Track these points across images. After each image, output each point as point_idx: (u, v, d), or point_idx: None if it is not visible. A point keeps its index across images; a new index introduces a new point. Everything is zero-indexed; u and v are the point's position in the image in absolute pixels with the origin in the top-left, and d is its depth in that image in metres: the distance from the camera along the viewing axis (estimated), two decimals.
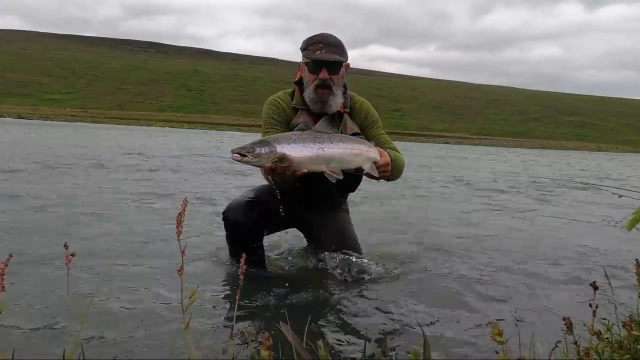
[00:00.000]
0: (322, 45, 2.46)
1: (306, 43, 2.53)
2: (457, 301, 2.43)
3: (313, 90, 2.47)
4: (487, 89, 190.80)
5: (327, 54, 2.45)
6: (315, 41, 2.49)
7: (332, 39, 2.51)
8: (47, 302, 2.12)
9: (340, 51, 2.49)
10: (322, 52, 2.45)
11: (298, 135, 2.23)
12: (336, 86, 2.49)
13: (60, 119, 51.90)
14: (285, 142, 2.14)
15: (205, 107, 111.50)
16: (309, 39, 2.53)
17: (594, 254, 3.64)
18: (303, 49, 2.54)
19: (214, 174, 8.25)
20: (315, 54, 2.46)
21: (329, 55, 2.45)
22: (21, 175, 6.33)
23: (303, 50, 2.54)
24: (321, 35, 2.53)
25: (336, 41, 2.51)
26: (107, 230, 3.55)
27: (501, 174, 12.50)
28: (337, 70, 2.49)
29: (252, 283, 2.53)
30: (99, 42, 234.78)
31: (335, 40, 2.52)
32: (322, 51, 2.45)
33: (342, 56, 2.49)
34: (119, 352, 1.70)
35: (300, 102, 2.58)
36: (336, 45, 2.49)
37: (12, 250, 1.52)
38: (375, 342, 1.91)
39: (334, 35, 2.54)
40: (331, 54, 2.46)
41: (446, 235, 4.01)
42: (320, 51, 2.45)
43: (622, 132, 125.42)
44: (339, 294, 2.42)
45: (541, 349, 1.51)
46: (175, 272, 1.14)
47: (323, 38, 2.50)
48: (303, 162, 2.14)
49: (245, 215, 2.53)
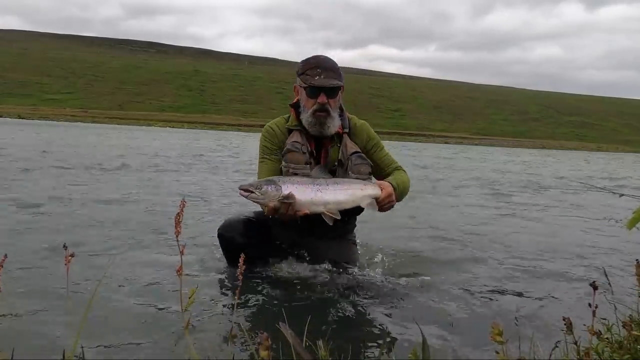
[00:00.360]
0: (320, 70, 2.44)
1: (303, 67, 2.51)
2: (457, 301, 2.43)
3: (311, 114, 2.47)
4: (487, 89, 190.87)
5: (325, 80, 2.44)
6: (313, 65, 2.47)
7: (330, 63, 2.50)
8: (47, 302, 2.11)
9: (337, 75, 2.49)
10: (320, 78, 2.44)
11: (299, 178, 2.34)
12: (333, 109, 2.49)
13: (60, 119, 51.90)
14: (290, 183, 2.26)
15: (205, 107, 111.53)
16: (306, 63, 2.51)
17: (594, 253, 3.64)
18: (300, 74, 2.51)
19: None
20: (314, 80, 2.44)
21: (327, 81, 2.44)
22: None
23: (300, 75, 2.51)
24: (317, 59, 2.52)
25: (333, 65, 2.50)
26: (114, 230, 3.56)
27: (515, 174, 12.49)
28: (335, 95, 2.48)
29: (252, 283, 2.53)
30: (99, 42, 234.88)
31: (332, 64, 2.51)
32: (321, 76, 2.44)
33: (339, 80, 2.49)
34: (119, 352, 1.70)
35: (294, 123, 2.57)
36: (334, 69, 2.48)
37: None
38: (375, 342, 1.91)
39: (330, 58, 2.54)
40: (329, 79, 2.44)
41: (447, 235, 4.01)
42: (319, 76, 2.44)
43: (622, 132, 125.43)
44: (339, 295, 2.42)
45: (541, 349, 1.51)
46: (174, 272, 1.14)
47: (320, 62, 2.48)
48: (304, 204, 2.25)
49: (242, 235, 2.55)
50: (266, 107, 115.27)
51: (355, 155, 2.51)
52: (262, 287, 2.48)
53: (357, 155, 2.52)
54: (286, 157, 2.47)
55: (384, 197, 2.39)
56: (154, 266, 2.73)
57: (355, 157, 2.51)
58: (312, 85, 2.43)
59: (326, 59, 2.52)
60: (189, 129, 48.55)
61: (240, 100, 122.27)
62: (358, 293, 2.45)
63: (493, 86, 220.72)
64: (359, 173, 2.49)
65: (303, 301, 2.32)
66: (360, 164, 2.51)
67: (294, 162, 2.44)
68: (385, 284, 2.62)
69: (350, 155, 2.51)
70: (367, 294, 2.46)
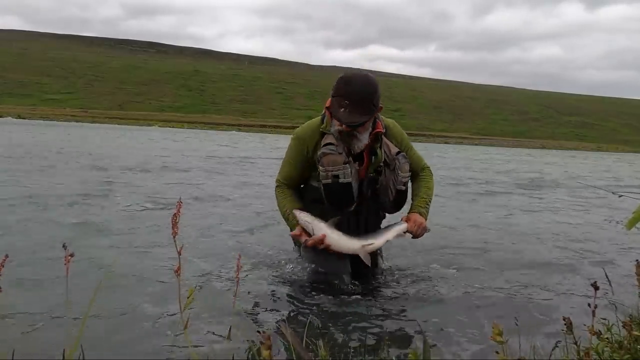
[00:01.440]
0: (348, 103, 2.26)
1: (335, 88, 2.33)
2: (457, 301, 2.43)
3: (337, 132, 2.39)
4: (488, 89, 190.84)
5: (349, 116, 2.27)
6: (342, 93, 2.29)
7: (361, 93, 2.27)
8: (47, 302, 2.11)
9: (366, 109, 2.29)
10: (345, 112, 2.27)
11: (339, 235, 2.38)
12: (362, 133, 2.39)
13: (61, 119, 51.88)
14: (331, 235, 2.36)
15: (205, 107, 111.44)
16: (338, 85, 2.33)
17: (594, 253, 3.64)
18: (333, 94, 2.34)
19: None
20: (339, 113, 2.28)
21: (350, 118, 2.27)
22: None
23: (332, 94, 2.35)
24: (349, 85, 2.29)
25: (364, 95, 2.28)
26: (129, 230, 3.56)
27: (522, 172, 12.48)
28: (363, 124, 2.34)
29: (252, 283, 2.53)
30: (99, 42, 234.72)
31: (364, 94, 2.28)
32: (346, 110, 2.27)
33: (368, 114, 2.31)
34: (119, 352, 1.70)
35: (329, 126, 2.46)
36: (363, 102, 2.27)
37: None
38: (375, 342, 1.91)
39: (365, 82, 2.31)
40: (354, 115, 2.27)
41: (447, 234, 4.01)
42: (345, 109, 2.27)
43: (622, 132, 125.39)
44: (339, 295, 2.42)
45: (541, 349, 1.51)
46: (173, 272, 1.14)
47: (350, 92, 2.27)
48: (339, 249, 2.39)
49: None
50: (266, 107, 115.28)
51: (400, 155, 2.50)
52: (262, 287, 2.48)
53: (402, 155, 2.51)
54: (322, 162, 2.37)
55: (417, 231, 2.52)
56: (155, 266, 2.73)
57: (401, 157, 2.50)
58: (337, 117, 2.31)
59: (359, 86, 2.29)
60: (189, 129, 48.50)
61: (240, 100, 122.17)
62: (358, 293, 2.45)
63: (493, 86, 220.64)
64: (405, 172, 2.49)
65: (303, 301, 2.32)
66: (405, 163, 2.50)
67: (332, 164, 2.35)
68: (385, 284, 2.62)
69: (395, 155, 2.50)
70: (367, 294, 2.46)
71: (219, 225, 3.97)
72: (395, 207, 2.59)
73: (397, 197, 2.50)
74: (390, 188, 2.49)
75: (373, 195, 2.55)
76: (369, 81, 2.33)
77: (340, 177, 2.35)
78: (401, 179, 2.47)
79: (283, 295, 2.38)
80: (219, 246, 3.25)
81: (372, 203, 2.58)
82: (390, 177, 2.49)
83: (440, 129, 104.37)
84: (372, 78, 2.36)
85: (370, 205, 2.57)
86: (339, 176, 2.35)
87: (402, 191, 2.51)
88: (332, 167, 2.35)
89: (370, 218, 2.62)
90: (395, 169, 2.48)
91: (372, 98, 2.30)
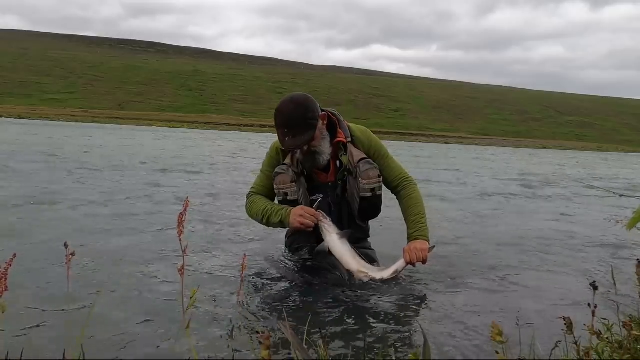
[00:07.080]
0: (287, 131, 2.39)
1: (274, 120, 2.44)
2: (457, 301, 2.43)
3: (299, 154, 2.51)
4: (488, 89, 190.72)
5: (292, 141, 2.40)
6: (278, 124, 2.41)
7: (292, 118, 2.38)
8: (47, 301, 2.11)
9: (303, 128, 2.39)
10: (285, 140, 2.41)
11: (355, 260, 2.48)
12: (317, 146, 2.48)
13: (61, 119, 51.87)
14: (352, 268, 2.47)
15: (205, 107, 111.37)
16: (275, 116, 2.43)
17: (595, 253, 3.64)
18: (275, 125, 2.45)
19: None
20: (284, 142, 2.42)
21: (294, 142, 2.40)
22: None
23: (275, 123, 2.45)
24: (282, 113, 2.40)
25: (295, 118, 2.38)
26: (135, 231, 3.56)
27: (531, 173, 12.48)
28: (309, 141, 2.43)
29: (253, 283, 2.53)
30: (99, 42, 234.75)
31: (294, 116, 2.38)
32: (286, 138, 2.40)
33: (308, 130, 2.40)
34: (119, 352, 1.70)
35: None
36: (297, 123, 2.38)
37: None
38: (376, 342, 1.91)
39: (293, 106, 2.40)
40: (296, 138, 2.39)
41: (446, 235, 4.01)
42: (285, 138, 2.41)
43: (622, 132, 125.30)
44: (339, 294, 2.42)
45: (541, 349, 1.51)
46: (176, 272, 1.14)
47: (284, 120, 2.39)
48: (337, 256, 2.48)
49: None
50: (266, 107, 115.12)
51: (363, 162, 2.52)
52: (262, 287, 2.48)
53: (365, 162, 2.53)
54: (275, 180, 2.57)
55: (417, 259, 2.51)
56: (156, 266, 2.73)
57: (363, 164, 2.52)
58: (281, 148, 2.51)
59: (288, 112, 2.39)
60: (189, 129, 48.49)
61: (240, 100, 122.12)
62: (358, 293, 2.45)
63: (493, 86, 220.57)
64: (369, 178, 2.51)
65: (303, 301, 2.32)
66: (369, 169, 2.52)
67: (281, 183, 2.55)
68: (385, 284, 2.62)
69: (357, 162, 2.52)
70: (367, 294, 2.46)
71: (221, 223, 3.96)
72: (363, 217, 2.67)
73: (363, 204, 2.55)
74: (355, 196, 2.55)
75: (346, 203, 2.62)
76: (295, 102, 2.42)
77: (288, 195, 2.55)
78: (363, 186, 2.50)
79: (283, 295, 2.38)
80: (223, 244, 3.25)
81: (347, 208, 2.63)
82: (354, 184, 2.54)
83: (440, 129, 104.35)
84: (297, 97, 2.46)
85: (348, 212, 2.64)
86: (287, 194, 2.55)
87: (366, 198, 2.53)
88: (282, 185, 2.55)
89: (352, 226, 2.63)
90: (357, 177, 2.51)
91: (304, 117, 2.40)
